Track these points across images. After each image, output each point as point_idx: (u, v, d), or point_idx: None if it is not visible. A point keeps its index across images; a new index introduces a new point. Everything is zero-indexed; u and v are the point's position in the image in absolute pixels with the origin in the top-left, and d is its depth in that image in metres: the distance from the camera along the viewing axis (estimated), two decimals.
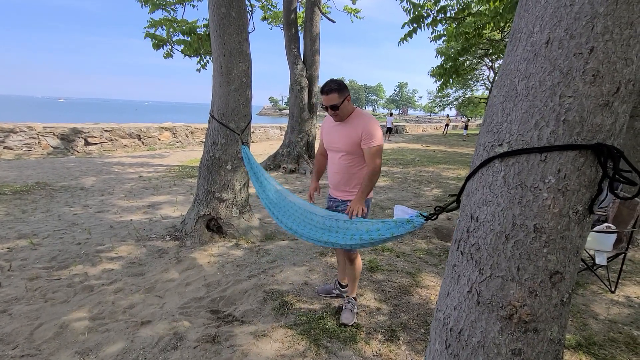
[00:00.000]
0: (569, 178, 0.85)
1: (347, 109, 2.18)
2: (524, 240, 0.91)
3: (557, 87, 0.84)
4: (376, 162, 2.13)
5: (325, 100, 2.12)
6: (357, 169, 2.23)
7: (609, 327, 2.55)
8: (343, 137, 2.19)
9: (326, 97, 2.11)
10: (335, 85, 2.11)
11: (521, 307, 0.92)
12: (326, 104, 2.13)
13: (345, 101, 2.14)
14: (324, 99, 2.14)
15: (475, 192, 1.01)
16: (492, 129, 0.97)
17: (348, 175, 2.25)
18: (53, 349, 2.03)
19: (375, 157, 2.13)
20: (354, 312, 2.43)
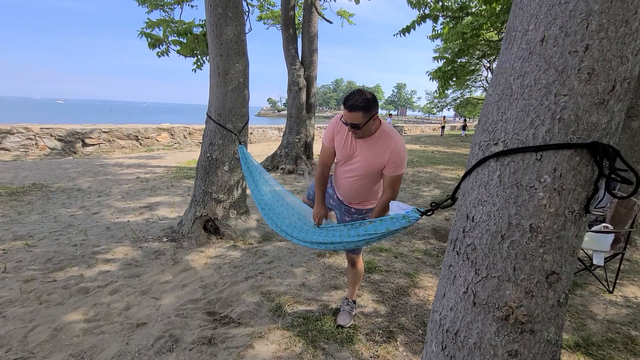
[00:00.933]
0: (564, 177, 0.85)
1: (371, 128, 1.85)
2: (520, 240, 0.90)
3: (552, 85, 0.83)
4: (396, 188, 1.97)
5: (346, 117, 1.78)
6: (373, 187, 2.07)
7: (607, 327, 2.54)
8: (364, 159, 1.92)
9: (348, 114, 1.77)
10: (361, 103, 1.73)
11: (517, 307, 0.91)
12: (346, 120, 1.80)
13: (371, 120, 1.80)
14: (345, 114, 1.79)
15: (471, 192, 1.00)
16: (488, 128, 0.96)
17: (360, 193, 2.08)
18: (47, 352, 2.00)
19: (396, 183, 1.95)
20: (352, 314, 2.42)
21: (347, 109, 1.77)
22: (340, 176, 2.07)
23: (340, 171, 2.07)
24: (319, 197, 2.13)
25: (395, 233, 1.75)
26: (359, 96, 1.75)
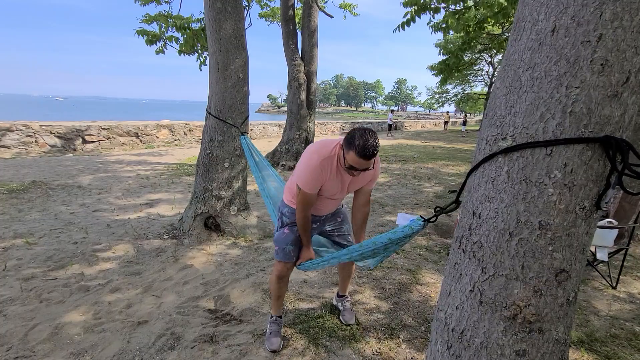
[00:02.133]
0: (575, 172, 0.82)
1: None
2: (529, 238, 0.87)
3: (563, 77, 0.80)
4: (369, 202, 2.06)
5: (359, 164, 1.62)
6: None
7: (610, 323, 2.53)
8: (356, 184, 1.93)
9: (364, 162, 1.61)
10: (377, 147, 1.61)
11: (525, 306, 0.89)
12: (358, 167, 1.64)
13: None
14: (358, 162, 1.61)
15: (478, 188, 0.98)
16: (495, 122, 0.93)
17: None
18: (48, 350, 1.99)
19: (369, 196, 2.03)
20: (353, 310, 2.42)
21: (363, 157, 1.59)
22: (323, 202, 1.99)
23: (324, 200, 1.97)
24: (307, 241, 2.01)
25: (401, 243, 1.70)
26: (372, 141, 1.59)
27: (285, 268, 2.04)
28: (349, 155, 1.63)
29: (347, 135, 1.65)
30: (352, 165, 1.64)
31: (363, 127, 1.65)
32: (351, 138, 1.61)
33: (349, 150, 1.62)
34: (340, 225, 2.23)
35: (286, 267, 2.04)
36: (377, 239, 1.69)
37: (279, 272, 2.03)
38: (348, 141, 1.62)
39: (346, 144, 1.64)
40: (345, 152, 1.65)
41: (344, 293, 2.47)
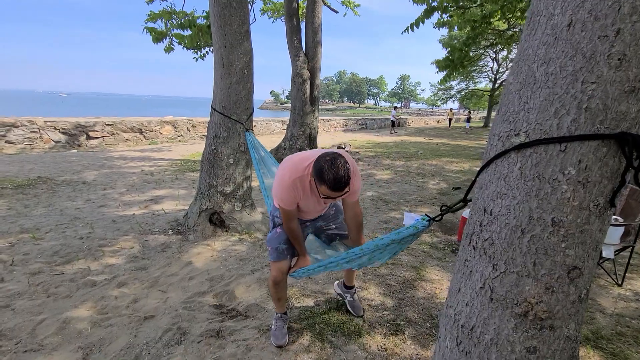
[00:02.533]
0: (590, 169, 0.81)
1: None
2: (541, 235, 0.87)
3: (579, 72, 0.79)
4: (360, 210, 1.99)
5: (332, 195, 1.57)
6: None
7: (616, 320, 2.52)
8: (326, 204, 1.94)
9: (336, 193, 1.56)
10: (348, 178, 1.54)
11: (537, 303, 0.89)
12: (332, 196, 1.60)
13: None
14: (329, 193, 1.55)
15: (489, 185, 0.97)
16: (508, 118, 0.92)
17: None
18: (56, 344, 2.02)
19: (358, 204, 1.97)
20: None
21: (337, 190, 1.52)
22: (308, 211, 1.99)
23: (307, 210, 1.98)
24: (301, 250, 2.00)
25: (406, 243, 1.67)
26: (343, 171, 1.49)
27: (279, 271, 1.97)
28: (321, 188, 1.57)
29: (315, 166, 1.55)
30: (328, 195, 1.60)
31: (330, 154, 1.54)
32: (320, 171, 1.51)
33: (320, 183, 1.54)
34: (334, 217, 2.18)
35: (281, 269, 1.97)
36: (379, 241, 1.66)
37: (274, 277, 1.98)
38: (318, 174, 1.53)
39: (316, 176, 1.55)
40: (317, 183, 1.58)
41: (352, 284, 2.46)
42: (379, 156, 10.02)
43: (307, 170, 1.69)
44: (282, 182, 1.73)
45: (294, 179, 1.69)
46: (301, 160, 1.72)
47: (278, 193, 1.76)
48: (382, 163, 8.88)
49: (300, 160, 1.73)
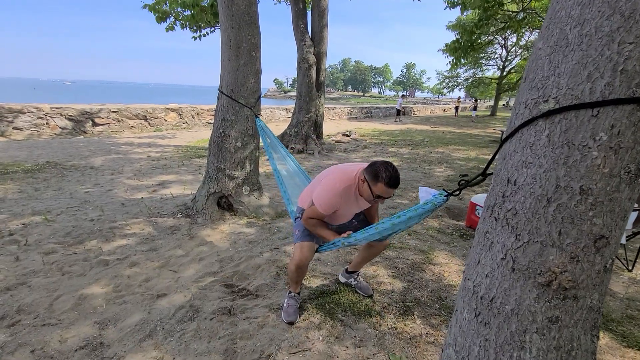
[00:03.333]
0: (623, 134, 0.79)
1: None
2: (568, 203, 0.85)
3: (616, 33, 0.76)
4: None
5: (386, 193, 1.80)
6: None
7: (627, 305, 2.52)
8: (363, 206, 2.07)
9: (391, 190, 1.80)
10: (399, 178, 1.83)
11: (561, 273, 0.88)
12: (384, 195, 1.82)
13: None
14: (385, 191, 1.78)
15: (514, 155, 0.95)
16: (537, 85, 0.89)
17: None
18: (72, 319, 2.06)
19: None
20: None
21: (391, 186, 1.77)
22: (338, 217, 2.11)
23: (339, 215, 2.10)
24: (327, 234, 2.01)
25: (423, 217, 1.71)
26: (396, 172, 1.79)
27: (306, 252, 2.01)
28: (376, 187, 1.79)
29: (369, 169, 1.82)
30: (381, 195, 1.81)
31: (381, 161, 1.84)
32: (376, 172, 1.77)
33: (376, 183, 1.78)
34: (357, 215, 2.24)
35: (306, 252, 2.01)
36: (396, 219, 1.70)
37: (299, 259, 2.00)
38: (374, 175, 1.78)
39: (372, 177, 1.79)
40: (372, 184, 1.80)
41: (357, 269, 2.48)
42: (385, 144, 9.95)
43: (355, 180, 1.91)
44: (332, 189, 1.90)
45: (345, 187, 1.90)
46: (348, 171, 1.96)
47: (322, 198, 1.92)
48: (388, 150, 8.83)
49: (347, 170, 1.96)
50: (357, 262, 2.45)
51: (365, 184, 1.85)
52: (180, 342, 1.90)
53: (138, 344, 1.88)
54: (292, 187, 2.73)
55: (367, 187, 1.84)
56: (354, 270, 2.48)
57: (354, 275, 2.49)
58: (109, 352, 1.81)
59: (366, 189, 1.85)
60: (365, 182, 1.84)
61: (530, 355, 0.94)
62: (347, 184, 1.90)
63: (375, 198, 1.85)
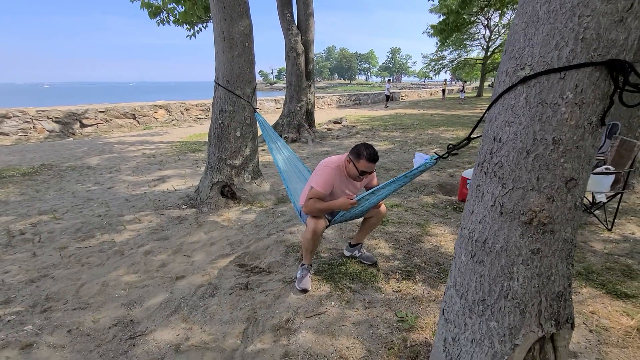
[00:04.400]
0: (585, 92, 0.96)
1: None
2: (544, 153, 1.02)
3: (576, 7, 0.92)
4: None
5: (367, 167, 2.17)
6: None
7: (606, 259, 2.77)
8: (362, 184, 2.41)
9: (371, 165, 2.18)
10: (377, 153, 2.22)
11: (540, 211, 1.06)
12: (366, 170, 2.19)
13: None
14: (366, 166, 2.16)
15: (498, 116, 1.12)
16: (515, 55, 1.06)
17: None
18: (100, 302, 2.20)
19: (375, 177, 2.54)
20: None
21: (372, 162, 2.16)
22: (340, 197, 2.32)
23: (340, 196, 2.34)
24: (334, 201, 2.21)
25: (417, 174, 2.02)
26: (374, 150, 2.19)
27: (318, 223, 2.21)
28: (359, 164, 2.17)
29: (352, 151, 2.21)
30: (364, 170, 2.19)
31: (363, 143, 2.23)
32: (358, 151, 2.17)
33: (359, 160, 2.17)
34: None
35: (320, 221, 2.22)
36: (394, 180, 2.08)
37: (314, 227, 2.20)
38: (356, 154, 2.18)
39: (355, 156, 2.18)
40: (356, 162, 2.18)
41: (360, 241, 2.67)
42: (376, 129, 10.12)
43: (343, 162, 2.28)
44: (326, 169, 2.23)
45: (336, 166, 2.26)
46: (337, 157, 2.34)
47: (319, 180, 2.21)
48: (379, 135, 9.00)
49: (336, 157, 2.35)
50: (358, 235, 2.65)
51: (351, 164, 2.21)
52: (205, 315, 2.07)
53: (166, 318, 2.04)
54: (294, 181, 2.89)
55: (352, 166, 2.21)
56: (356, 242, 2.68)
57: (358, 247, 2.68)
58: (140, 327, 1.97)
59: (352, 168, 2.22)
60: (351, 162, 2.21)
61: (517, 283, 1.13)
62: (338, 164, 2.27)
63: (360, 174, 2.20)
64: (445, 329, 1.36)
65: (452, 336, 1.32)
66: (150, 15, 4.90)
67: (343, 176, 2.29)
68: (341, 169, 2.27)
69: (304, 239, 2.28)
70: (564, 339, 1.21)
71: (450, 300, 1.34)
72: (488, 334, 1.19)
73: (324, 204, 2.20)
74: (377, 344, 1.83)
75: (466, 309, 1.25)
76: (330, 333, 1.91)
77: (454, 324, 1.31)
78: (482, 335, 1.20)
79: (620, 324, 2.01)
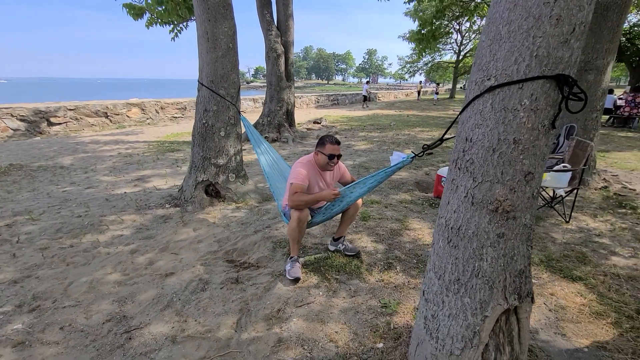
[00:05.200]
0: (538, 100, 1.15)
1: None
2: (506, 151, 1.21)
3: (531, 30, 1.11)
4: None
5: (336, 150, 2.44)
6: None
7: (564, 247, 3.08)
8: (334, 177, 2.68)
9: (337, 147, 2.45)
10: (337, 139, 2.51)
11: (504, 201, 1.24)
12: (335, 153, 2.45)
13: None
14: (334, 149, 2.43)
15: (469, 120, 1.29)
16: (482, 67, 1.23)
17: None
18: (91, 300, 2.22)
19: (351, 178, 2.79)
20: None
21: (335, 144, 2.46)
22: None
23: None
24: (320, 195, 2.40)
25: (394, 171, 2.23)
26: (334, 136, 2.51)
27: (301, 213, 2.38)
28: (325, 149, 2.44)
29: (317, 143, 2.51)
30: (332, 153, 2.43)
31: (324, 134, 2.55)
32: (322, 140, 2.48)
33: (324, 146, 2.44)
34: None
35: (302, 211, 2.39)
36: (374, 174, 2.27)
37: (299, 216, 2.35)
38: (321, 142, 2.47)
39: (320, 145, 2.47)
40: (322, 149, 2.45)
41: (342, 234, 2.83)
42: (355, 129, 10.36)
43: (312, 159, 2.55)
44: (299, 165, 2.47)
45: (308, 161, 2.53)
46: (307, 156, 2.58)
47: (296, 176, 2.40)
48: (358, 135, 9.24)
49: (306, 157, 2.58)
50: (340, 228, 2.82)
51: (319, 154, 2.47)
52: (198, 308, 2.14)
53: (159, 312, 2.10)
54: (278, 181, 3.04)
55: (321, 155, 2.46)
56: (339, 236, 2.83)
57: (341, 241, 2.83)
58: (134, 322, 2.02)
59: (321, 157, 2.46)
60: (318, 152, 2.47)
61: (486, 263, 1.31)
62: (309, 160, 2.53)
63: (330, 159, 2.44)
64: (425, 307, 1.53)
65: (431, 313, 1.49)
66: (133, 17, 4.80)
67: (316, 170, 2.52)
68: (312, 163, 2.52)
69: (290, 228, 2.42)
70: (525, 311, 1.41)
71: (430, 282, 1.51)
72: (462, 308, 1.36)
73: (310, 196, 2.38)
74: (363, 327, 1.99)
75: (443, 288, 1.43)
76: (319, 320, 2.04)
77: (433, 303, 1.48)
78: (458, 310, 1.38)
79: (575, 303, 2.28)
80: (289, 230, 2.44)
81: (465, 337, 1.36)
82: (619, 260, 2.86)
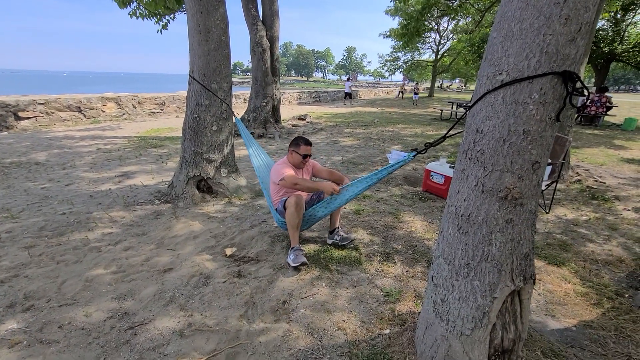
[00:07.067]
0: (547, 94, 1.23)
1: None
2: (516, 141, 1.29)
3: (541, 28, 1.18)
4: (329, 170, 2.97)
5: (308, 150, 2.71)
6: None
7: (546, 236, 3.27)
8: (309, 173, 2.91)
9: (309, 147, 2.73)
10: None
11: (513, 188, 1.32)
12: (307, 153, 2.72)
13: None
14: (307, 150, 2.70)
15: (480, 112, 1.36)
16: (494, 63, 1.30)
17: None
18: (88, 298, 2.15)
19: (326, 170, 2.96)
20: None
21: (307, 144, 2.73)
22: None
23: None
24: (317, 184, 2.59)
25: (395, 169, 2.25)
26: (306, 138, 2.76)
27: (298, 196, 2.53)
28: (299, 149, 2.71)
29: (292, 143, 2.75)
30: (305, 153, 2.71)
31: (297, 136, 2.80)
32: (295, 141, 2.75)
33: (298, 146, 2.71)
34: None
35: (299, 195, 2.55)
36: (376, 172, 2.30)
37: (296, 201, 2.47)
38: (295, 143, 2.74)
39: (294, 145, 2.73)
40: (296, 149, 2.71)
41: (336, 226, 2.90)
42: (340, 125, 10.43)
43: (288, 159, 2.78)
44: (280, 164, 2.72)
45: (284, 161, 2.77)
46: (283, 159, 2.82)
47: (281, 172, 2.62)
48: (343, 131, 9.31)
49: (281, 159, 2.82)
50: (332, 220, 2.92)
51: (293, 154, 2.72)
52: (203, 302, 2.13)
53: (163, 308, 2.06)
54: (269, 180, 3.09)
55: (295, 154, 2.71)
56: (333, 228, 2.90)
57: (336, 232, 2.88)
58: (137, 318, 1.97)
59: (295, 156, 2.72)
60: (293, 152, 2.72)
61: (495, 247, 1.39)
62: (284, 161, 2.77)
63: (303, 158, 2.70)
64: (434, 292, 1.61)
65: (440, 297, 1.56)
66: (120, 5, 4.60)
67: (292, 167, 2.74)
68: (288, 163, 2.75)
69: (289, 214, 2.48)
70: (528, 292, 1.50)
71: (439, 267, 1.58)
72: (472, 291, 1.44)
73: (311, 182, 2.55)
74: (369, 315, 2.05)
75: (453, 272, 1.50)
76: (326, 310, 2.08)
77: (443, 287, 1.55)
78: (468, 293, 1.45)
79: (561, 287, 2.44)
80: (288, 216, 2.49)
81: (475, 318, 1.44)
82: (595, 247, 3.07)
